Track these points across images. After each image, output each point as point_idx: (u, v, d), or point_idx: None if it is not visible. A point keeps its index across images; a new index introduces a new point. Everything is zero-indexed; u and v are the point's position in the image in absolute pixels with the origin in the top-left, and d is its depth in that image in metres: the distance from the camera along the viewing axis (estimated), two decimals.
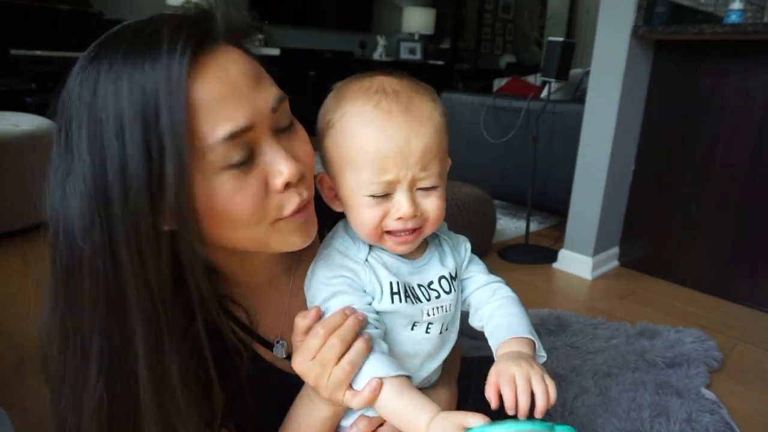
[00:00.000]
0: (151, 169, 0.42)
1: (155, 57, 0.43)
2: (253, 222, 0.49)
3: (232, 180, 0.47)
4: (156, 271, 0.45)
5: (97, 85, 0.43)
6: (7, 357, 1.38)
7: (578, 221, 2.13)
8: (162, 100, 0.42)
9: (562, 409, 1.23)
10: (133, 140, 0.42)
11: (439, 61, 6.20)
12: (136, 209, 0.43)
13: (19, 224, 2.22)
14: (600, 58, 1.98)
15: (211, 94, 0.45)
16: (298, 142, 0.53)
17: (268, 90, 0.50)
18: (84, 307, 0.46)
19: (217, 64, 0.46)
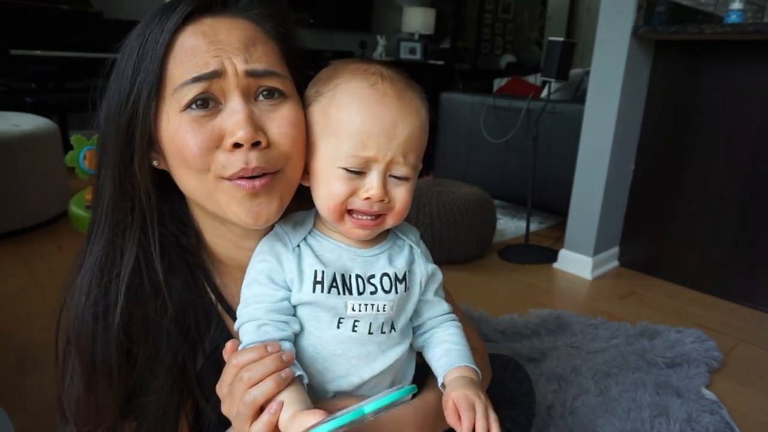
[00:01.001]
0: (131, 93, 0.52)
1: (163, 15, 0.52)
2: (198, 169, 0.53)
3: (190, 121, 0.51)
4: (113, 175, 0.55)
5: (131, 35, 0.54)
6: (7, 357, 1.38)
7: (578, 221, 2.13)
8: (151, 42, 0.51)
9: (562, 409, 1.23)
10: (126, 71, 0.52)
11: (439, 61, 6.20)
12: (119, 121, 0.53)
13: (19, 224, 2.22)
14: (600, 58, 1.98)
15: (191, 44, 0.51)
16: (278, 117, 0.54)
17: (254, 58, 0.53)
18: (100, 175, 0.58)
19: (211, 25, 0.53)
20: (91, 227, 0.58)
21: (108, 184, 0.55)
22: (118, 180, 0.54)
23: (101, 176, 0.56)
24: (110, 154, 0.54)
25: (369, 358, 0.58)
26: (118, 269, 0.55)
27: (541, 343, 1.52)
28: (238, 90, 0.52)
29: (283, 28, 0.58)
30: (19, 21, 3.13)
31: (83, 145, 2.29)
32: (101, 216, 0.56)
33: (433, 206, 2.06)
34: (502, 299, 1.87)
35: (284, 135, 0.54)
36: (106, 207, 0.55)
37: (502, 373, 0.87)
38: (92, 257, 0.56)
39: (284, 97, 0.55)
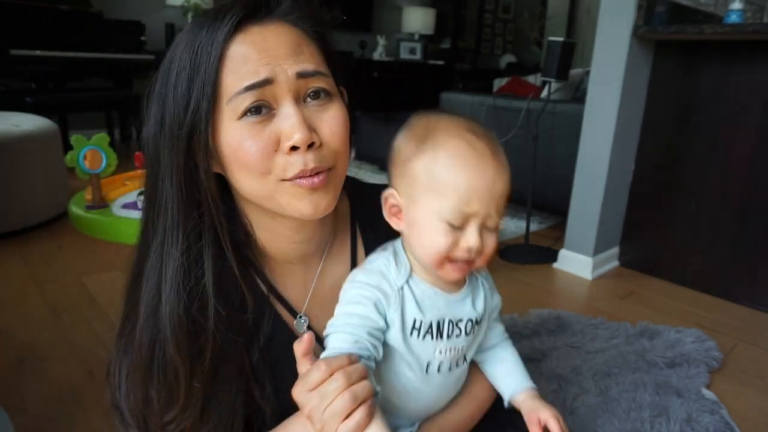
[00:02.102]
0: (188, 107, 0.53)
1: (211, 24, 0.54)
2: (260, 173, 0.55)
3: (247, 128, 0.54)
4: (179, 185, 0.56)
5: (177, 45, 0.56)
6: (7, 357, 1.38)
7: (578, 221, 2.13)
8: (204, 54, 0.53)
9: (562, 409, 1.23)
10: (181, 83, 0.54)
11: (439, 61, 6.20)
12: (179, 134, 0.54)
13: (19, 224, 2.22)
14: (600, 58, 1.98)
15: (242, 54, 0.53)
16: (327, 117, 0.57)
17: (302, 60, 0.55)
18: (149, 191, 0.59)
19: (259, 33, 0.54)
20: (153, 237, 0.58)
21: (173, 195, 0.56)
22: (184, 190, 0.56)
23: (159, 187, 0.57)
24: (170, 165, 0.55)
25: (446, 388, 0.68)
26: (200, 271, 0.58)
27: (541, 343, 1.52)
28: (289, 94, 0.54)
29: (320, 28, 0.60)
30: (19, 21, 3.13)
31: (83, 145, 2.29)
32: (171, 224, 0.57)
33: None
34: (502, 299, 1.87)
35: (334, 134, 0.57)
36: (175, 216, 0.56)
37: None
38: (172, 265, 0.57)
39: (330, 96, 0.58)
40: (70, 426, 1.14)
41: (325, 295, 0.70)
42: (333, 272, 0.71)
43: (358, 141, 4.03)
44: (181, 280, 0.57)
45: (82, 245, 2.15)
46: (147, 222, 0.60)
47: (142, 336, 0.58)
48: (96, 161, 2.31)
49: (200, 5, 4.26)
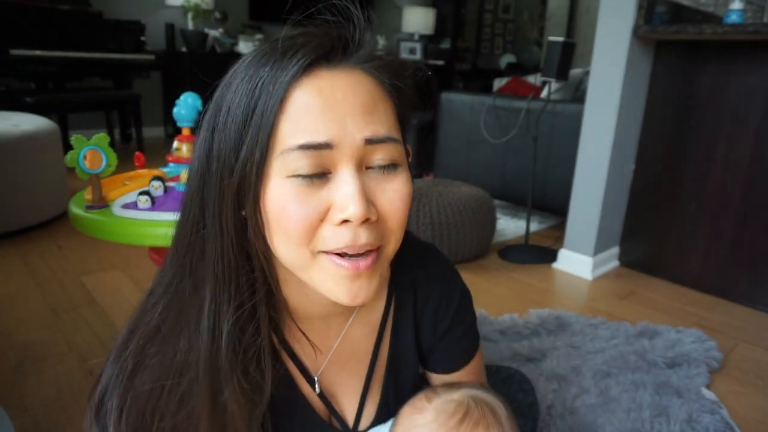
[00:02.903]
0: (239, 152, 0.47)
1: (276, 61, 0.47)
2: (299, 241, 0.48)
3: (295, 189, 0.46)
4: (229, 237, 0.50)
5: (235, 76, 0.49)
6: (7, 357, 1.38)
7: (578, 221, 2.13)
8: (264, 94, 0.46)
9: (562, 409, 1.23)
10: (234, 123, 0.47)
11: (439, 61, 6.20)
12: (223, 180, 0.48)
13: (19, 224, 2.22)
14: (600, 58, 1.98)
15: (305, 103, 0.46)
16: (390, 190, 0.49)
17: (373, 123, 0.47)
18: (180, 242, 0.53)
19: (329, 79, 0.47)
20: (195, 288, 0.52)
21: (224, 246, 0.50)
22: (235, 242, 0.50)
23: (201, 233, 0.51)
24: (218, 214, 0.49)
25: None
26: (255, 328, 0.53)
27: (541, 343, 1.52)
28: (352, 161, 0.47)
29: (400, 82, 0.51)
30: (19, 21, 3.12)
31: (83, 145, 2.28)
32: (222, 277, 0.51)
33: (433, 206, 2.06)
34: (502, 299, 1.87)
35: (395, 210, 0.49)
36: (226, 269, 0.50)
37: (510, 383, 0.88)
38: (227, 321, 0.51)
39: (397, 167, 0.50)
40: (70, 426, 1.14)
41: (342, 356, 0.65)
42: (355, 335, 0.65)
43: None
44: (237, 339, 0.51)
45: (82, 245, 2.15)
46: (181, 268, 0.53)
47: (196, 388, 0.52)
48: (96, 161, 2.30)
49: (200, 5, 4.26)
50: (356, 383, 0.67)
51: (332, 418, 0.66)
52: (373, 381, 0.68)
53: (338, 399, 0.67)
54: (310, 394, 0.64)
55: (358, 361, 0.67)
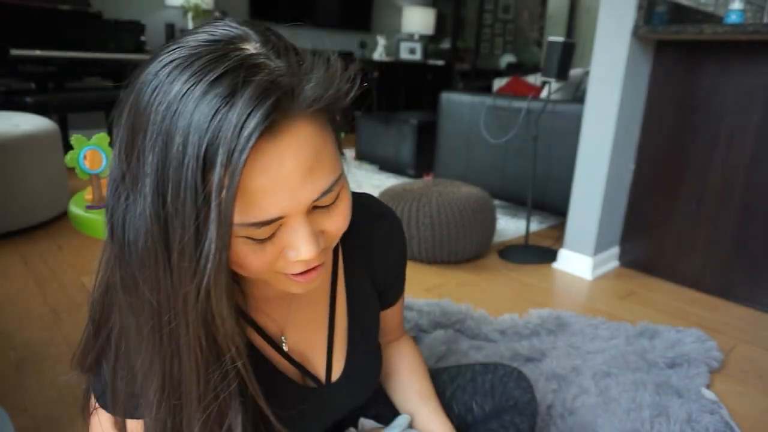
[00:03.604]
0: (198, 218, 0.42)
1: (231, 114, 0.40)
2: (259, 273, 0.50)
3: (249, 247, 0.47)
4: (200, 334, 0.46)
5: (172, 106, 0.41)
6: (7, 357, 1.38)
7: (578, 221, 2.13)
8: (218, 175, 0.40)
9: (562, 409, 1.23)
10: (188, 203, 0.41)
11: (439, 61, 6.20)
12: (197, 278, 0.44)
13: (19, 224, 2.22)
14: (600, 58, 1.98)
15: (254, 186, 0.43)
16: (334, 215, 0.51)
17: (319, 181, 0.46)
18: None
19: (275, 155, 0.43)
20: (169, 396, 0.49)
21: (192, 345, 0.46)
22: (204, 338, 0.46)
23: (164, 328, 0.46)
24: (180, 315, 0.45)
25: None
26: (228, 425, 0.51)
27: (541, 343, 1.52)
28: (302, 216, 0.47)
29: (338, 105, 0.48)
30: (19, 21, 3.12)
31: (83, 145, 2.29)
32: (186, 381, 0.48)
33: (433, 206, 2.06)
34: (502, 299, 1.87)
35: (339, 228, 0.52)
36: (195, 369, 0.47)
37: (507, 381, 0.89)
38: (198, 426, 0.49)
39: (339, 191, 0.51)
40: (70, 426, 1.14)
41: (301, 312, 0.68)
42: (309, 292, 0.68)
43: (359, 141, 4.03)
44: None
45: (82, 245, 2.15)
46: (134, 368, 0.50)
47: None
48: (96, 161, 2.30)
49: (200, 5, 4.26)
50: (321, 337, 0.69)
51: (305, 378, 0.68)
52: (337, 331, 0.70)
53: (307, 357, 0.68)
54: (279, 359, 0.65)
55: (317, 315, 0.69)
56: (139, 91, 0.43)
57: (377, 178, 3.65)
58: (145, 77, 0.44)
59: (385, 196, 2.21)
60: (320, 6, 5.46)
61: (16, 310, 1.63)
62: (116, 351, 0.52)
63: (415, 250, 2.11)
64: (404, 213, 2.09)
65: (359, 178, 3.59)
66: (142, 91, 0.43)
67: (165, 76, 0.42)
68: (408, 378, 0.85)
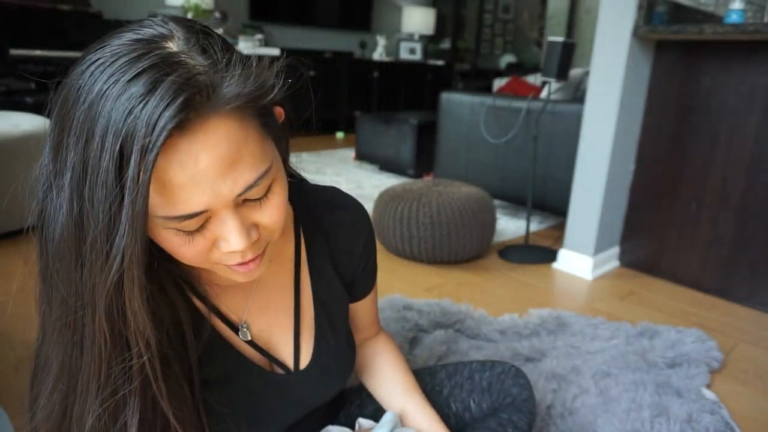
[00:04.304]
0: (112, 225, 0.43)
1: (145, 112, 0.41)
2: (196, 263, 0.52)
3: (180, 238, 0.48)
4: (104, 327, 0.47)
5: (93, 106, 0.43)
6: (7, 357, 1.38)
7: (578, 221, 2.13)
8: (133, 170, 0.42)
9: (562, 409, 1.23)
10: (106, 192, 0.43)
11: (439, 61, 6.20)
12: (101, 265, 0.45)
13: (19, 224, 2.22)
14: (600, 58, 1.98)
15: (170, 179, 0.44)
16: (267, 209, 0.51)
17: (242, 176, 0.47)
18: None
19: (189, 150, 0.44)
20: (50, 373, 0.51)
21: (94, 339, 0.47)
22: (109, 336, 0.47)
23: (62, 317, 0.48)
24: (88, 304, 0.46)
25: None
26: (122, 423, 0.51)
27: (541, 343, 1.52)
28: (229, 209, 0.48)
29: (263, 100, 0.48)
30: (19, 21, 3.13)
31: None
32: (85, 369, 0.48)
33: (433, 206, 2.06)
34: (502, 299, 1.87)
35: (274, 221, 0.53)
36: (96, 362, 0.48)
37: (505, 379, 0.89)
38: (90, 420, 0.49)
39: (271, 184, 0.51)
40: None
41: (264, 300, 0.68)
42: (272, 274, 0.69)
43: (359, 141, 4.03)
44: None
45: None
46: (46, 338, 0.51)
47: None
48: None
49: (200, 5, 4.26)
50: (286, 324, 0.70)
51: (272, 365, 0.69)
52: (303, 318, 0.71)
53: (273, 345, 0.69)
54: (245, 347, 0.66)
55: (282, 302, 0.69)
56: (66, 91, 0.45)
57: (377, 178, 3.65)
58: (72, 77, 0.45)
59: (385, 196, 2.21)
60: (320, 6, 5.46)
61: (16, 310, 1.62)
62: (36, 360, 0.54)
63: (415, 250, 2.12)
64: (404, 213, 2.09)
65: (359, 178, 3.59)
66: (69, 91, 0.45)
67: (88, 76, 0.44)
68: (390, 374, 0.85)
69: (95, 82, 0.43)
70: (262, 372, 0.67)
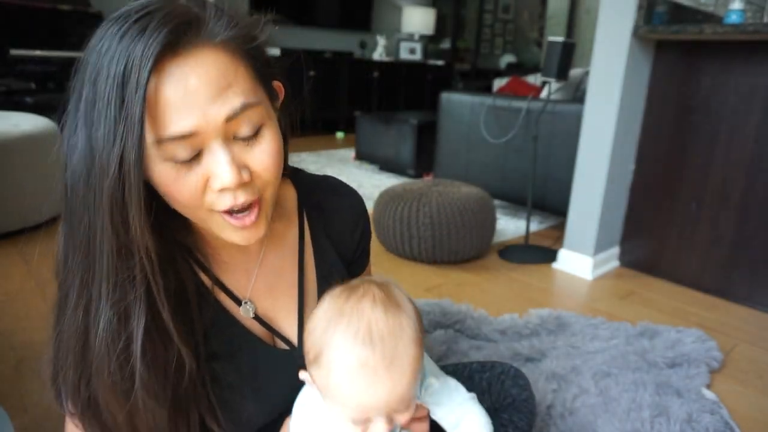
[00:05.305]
0: (117, 150, 0.49)
1: (136, 46, 0.48)
2: (190, 207, 0.55)
3: (174, 171, 0.52)
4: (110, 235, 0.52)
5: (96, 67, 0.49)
6: (7, 357, 1.38)
7: (578, 221, 2.13)
8: (130, 89, 0.47)
9: (562, 409, 1.23)
10: (108, 117, 0.48)
11: (439, 61, 6.20)
12: (105, 186, 0.50)
13: (19, 224, 2.22)
14: (600, 58, 1.98)
15: (163, 97, 0.49)
16: (258, 152, 0.55)
17: (229, 100, 0.51)
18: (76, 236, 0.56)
19: (181, 72, 0.49)
20: (74, 291, 0.55)
21: (104, 246, 0.52)
22: (116, 243, 0.52)
23: (87, 233, 0.53)
24: (100, 215, 0.51)
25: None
26: (130, 329, 0.55)
27: (541, 343, 1.52)
28: (219, 137, 0.52)
29: (252, 44, 0.55)
30: (19, 21, 3.13)
31: None
32: (98, 278, 0.54)
33: (433, 206, 2.06)
34: (502, 299, 1.87)
35: (265, 167, 0.56)
36: (106, 270, 0.53)
37: (504, 379, 0.89)
38: (102, 322, 0.54)
39: (261, 127, 0.55)
40: None
41: (269, 280, 0.71)
42: (276, 256, 0.72)
43: (359, 141, 4.03)
44: (110, 340, 0.54)
45: None
46: (68, 266, 0.57)
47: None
48: None
49: None
50: (291, 303, 0.72)
51: (275, 340, 0.71)
52: (307, 300, 0.73)
53: (278, 322, 0.71)
54: (251, 323, 0.69)
55: (286, 282, 0.72)
56: (88, 48, 0.51)
57: (377, 178, 3.65)
58: (94, 36, 0.51)
59: (385, 196, 2.21)
60: (320, 6, 5.46)
61: (16, 310, 1.63)
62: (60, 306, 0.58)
63: (415, 250, 2.12)
64: (404, 213, 2.09)
65: (359, 178, 3.59)
66: (89, 46, 0.51)
67: (104, 30, 0.50)
68: None
69: (107, 31, 0.50)
70: (266, 347, 0.69)
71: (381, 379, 0.56)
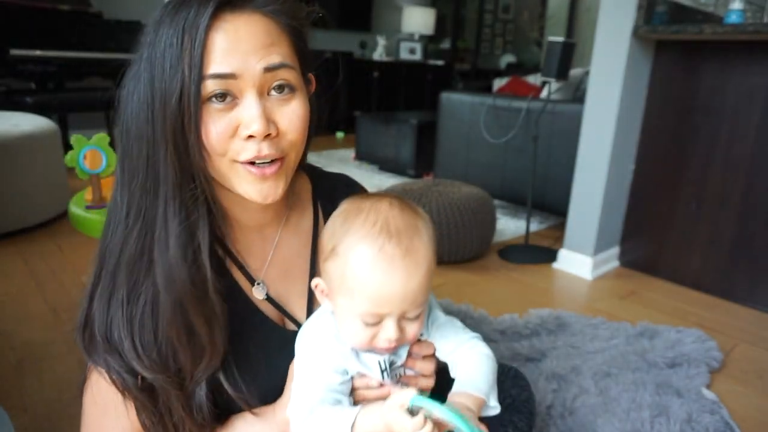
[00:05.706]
0: (178, 85, 0.56)
1: (195, 6, 0.56)
2: (218, 152, 0.59)
3: (212, 112, 0.57)
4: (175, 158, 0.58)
5: (159, 27, 0.57)
6: (7, 357, 1.38)
7: (578, 221, 2.13)
8: (188, 38, 0.55)
9: (562, 409, 1.23)
10: (169, 62, 0.56)
11: (439, 61, 6.20)
12: (169, 114, 0.56)
13: (19, 224, 2.22)
14: (600, 58, 1.98)
15: (215, 43, 0.56)
16: (286, 111, 0.60)
17: (270, 54, 0.58)
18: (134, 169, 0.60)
19: (232, 22, 0.57)
20: (145, 208, 0.60)
21: (168, 171, 0.58)
22: (179, 167, 0.58)
23: (152, 159, 0.59)
24: (164, 141, 0.57)
25: None
26: (197, 241, 0.61)
27: (541, 343, 1.52)
28: (254, 88, 0.57)
29: (296, 23, 0.62)
30: (19, 21, 3.13)
31: (83, 145, 2.29)
32: (170, 196, 0.59)
33: (433, 206, 2.06)
34: (502, 299, 1.87)
35: (292, 127, 0.61)
36: (172, 189, 0.59)
37: (504, 380, 0.89)
38: (172, 237, 0.60)
39: (293, 91, 0.61)
40: (70, 426, 1.14)
41: (282, 264, 0.74)
42: (290, 243, 0.75)
43: (359, 141, 4.03)
44: (181, 254, 0.60)
45: (82, 245, 2.15)
46: (131, 192, 0.61)
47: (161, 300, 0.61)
48: (96, 161, 2.31)
49: None
50: (302, 290, 0.74)
51: (285, 321, 0.73)
52: None
53: (288, 306, 0.74)
54: (261, 302, 0.71)
55: (299, 270, 0.75)
56: (149, 20, 0.59)
57: (377, 178, 3.65)
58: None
59: None
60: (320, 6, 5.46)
61: (16, 310, 1.63)
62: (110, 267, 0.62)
63: None
64: None
65: (359, 178, 3.54)
66: (151, 18, 0.59)
67: (162, 8, 0.58)
68: None
69: (165, 8, 0.58)
70: (276, 327, 0.71)
71: (396, 268, 0.57)
